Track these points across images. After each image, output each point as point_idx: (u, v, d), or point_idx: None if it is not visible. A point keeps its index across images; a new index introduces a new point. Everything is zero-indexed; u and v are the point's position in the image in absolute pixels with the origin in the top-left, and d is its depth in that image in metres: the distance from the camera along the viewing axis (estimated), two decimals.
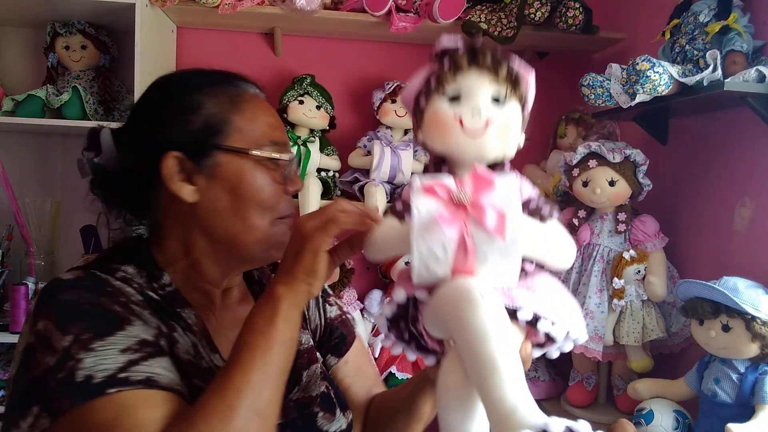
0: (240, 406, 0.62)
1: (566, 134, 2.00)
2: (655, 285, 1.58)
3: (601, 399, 1.77)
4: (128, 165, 0.80)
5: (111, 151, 0.81)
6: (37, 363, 0.64)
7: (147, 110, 0.81)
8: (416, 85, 0.73)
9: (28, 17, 1.92)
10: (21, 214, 1.91)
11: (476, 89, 0.72)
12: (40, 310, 0.68)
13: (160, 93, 0.82)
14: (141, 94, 0.84)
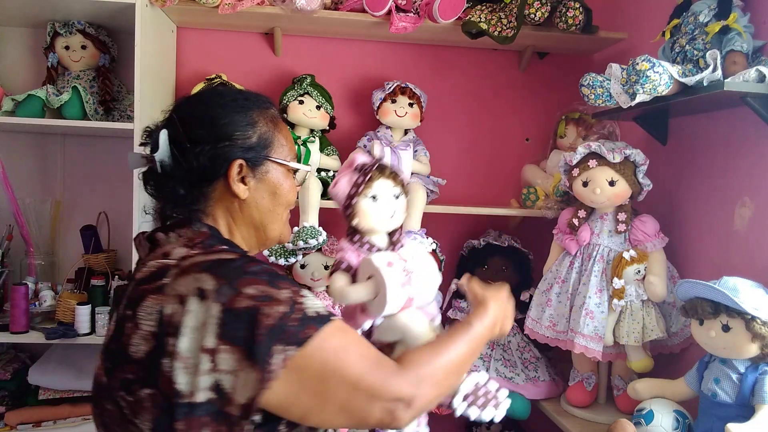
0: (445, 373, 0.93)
1: (566, 134, 2.00)
2: (655, 285, 1.58)
3: (601, 399, 1.77)
4: (192, 165, 0.93)
5: (166, 150, 0.94)
6: (267, 315, 0.79)
7: (213, 123, 0.95)
8: (344, 189, 1.23)
9: (28, 17, 1.92)
10: (21, 214, 1.91)
11: (385, 192, 1.24)
12: (240, 280, 0.82)
13: (224, 109, 0.97)
14: (197, 105, 0.99)
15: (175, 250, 0.89)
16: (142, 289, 0.85)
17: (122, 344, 0.84)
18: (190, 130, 0.94)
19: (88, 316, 1.76)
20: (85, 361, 1.88)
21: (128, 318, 0.85)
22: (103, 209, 2.01)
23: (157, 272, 0.86)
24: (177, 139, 0.94)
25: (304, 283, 1.94)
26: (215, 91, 1.04)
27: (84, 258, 1.92)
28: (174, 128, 0.94)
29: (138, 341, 0.82)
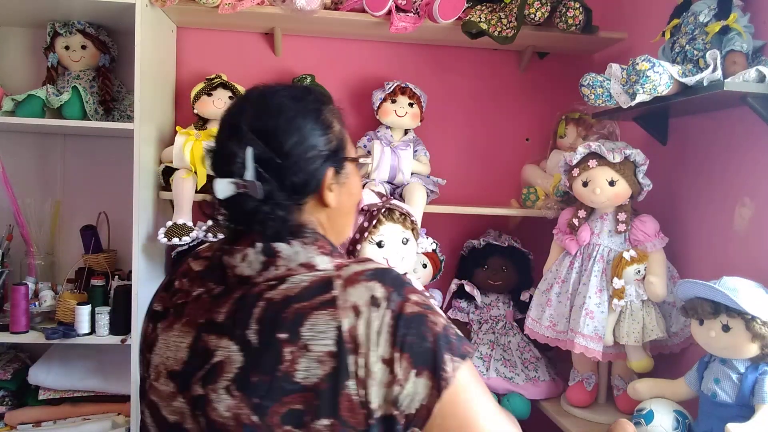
0: None
1: (566, 134, 2.00)
2: (655, 285, 1.58)
3: (601, 399, 1.77)
4: (286, 183, 0.83)
5: (254, 171, 0.82)
6: (434, 323, 0.77)
7: (299, 132, 0.85)
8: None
9: (28, 17, 1.92)
10: (21, 214, 1.91)
11: (393, 237, 1.22)
12: (405, 287, 0.79)
13: (304, 116, 0.87)
14: (273, 115, 0.85)
15: (315, 258, 0.81)
16: (298, 308, 0.75)
17: (282, 372, 0.73)
18: (276, 144, 0.82)
19: (88, 316, 1.76)
20: (85, 361, 1.88)
21: (284, 343, 0.74)
22: (103, 209, 2.01)
23: (316, 286, 0.77)
24: (263, 156, 0.81)
25: None
26: (280, 94, 0.88)
27: (84, 258, 1.92)
28: (256, 144, 0.81)
29: (308, 365, 0.73)
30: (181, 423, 0.80)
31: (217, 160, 0.86)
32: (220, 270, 0.84)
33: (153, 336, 0.89)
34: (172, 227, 1.79)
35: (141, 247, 1.76)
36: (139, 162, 1.71)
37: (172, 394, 0.81)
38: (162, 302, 0.91)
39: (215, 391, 0.76)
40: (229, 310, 0.79)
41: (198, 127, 1.94)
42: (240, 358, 0.76)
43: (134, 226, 1.72)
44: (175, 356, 0.82)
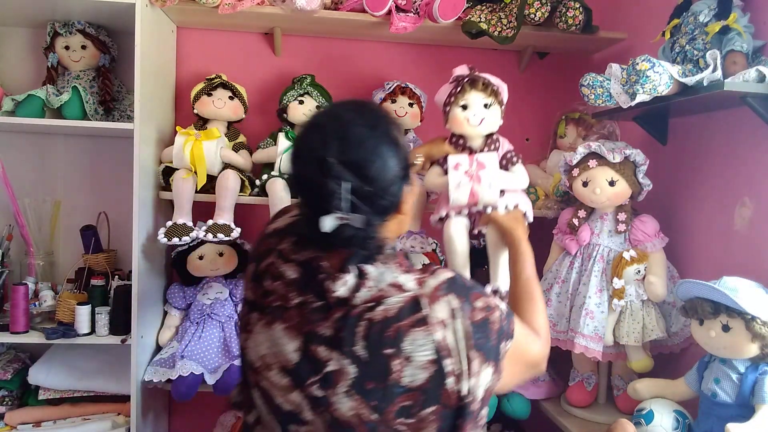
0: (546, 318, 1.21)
1: (566, 134, 2.00)
2: (655, 285, 1.58)
3: (601, 399, 1.77)
4: (380, 209, 0.94)
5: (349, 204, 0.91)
6: (493, 322, 0.95)
7: (383, 161, 0.93)
8: (443, 97, 1.58)
9: (28, 17, 1.92)
10: (21, 214, 1.91)
11: (475, 102, 1.53)
12: (470, 295, 0.95)
13: (385, 142, 0.94)
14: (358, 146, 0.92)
15: (399, 278, 0.94)
16: (398, 326, 0.89)
17: (392, 381, 0.89)
18: (363, 174, 0.91)
19: (88, 316, 1.76)
20: (85, 361, 1.88)
21: (390, 357, 0.89)
22: (103, 209, 2.01)
23: (408, 306, 0.91)
24: (355, 187, 0.89)
25: None
26: (356, 123, 0.94)
27: (84, 258, 1.92)
28: (350, 179, 0.89)
29: (413, 372, 0.89)
30: (297, 413, 0.94)
31: (312, 196, 0.93)
32: (317, 286, 0.94)
33: (247, 321, 1.02)
34: (172, 227, 1.79)
35: (141, 247, 1.76)
36: (139, 162, 1.71)
37: (288, 388, 0.94)
38: (252, 292, 1.03)
39: (335, 394, 0.90)
40: (334, 327, 0.91)
41: (198, 127, 1.94)
42: (354, 369, 0.90)
43: (134, 226, 1.72)
44: (285, 355, 0.94)
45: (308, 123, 0.99)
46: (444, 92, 1.58)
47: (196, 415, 2.16)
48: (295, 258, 0.98)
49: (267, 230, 1.09)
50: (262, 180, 1.88)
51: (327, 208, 0.89)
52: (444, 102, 1.57)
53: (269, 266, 1.01)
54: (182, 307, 1.95)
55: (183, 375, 1.76)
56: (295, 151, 0.98)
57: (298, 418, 0.94)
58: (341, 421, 0.91)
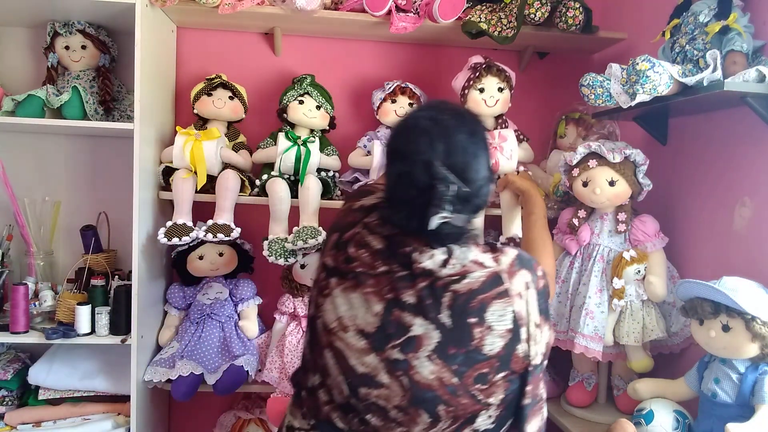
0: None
1: (566, 134, 2.00)
2: (655, 285, 1.58)
3: (601, 399, 1.77)
4: (478, 206, 1.05)
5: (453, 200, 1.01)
6: (548, 287, 1.10)
7: (481, 162, 1.04)
8: (461, 82, 1.86)
9: (28, 17, 1.92)
10: (21, 214, 1.91)
11: (490, 85, 1.83)
12: (533, 265, 1.09)
13: (480, 149, 1.05)
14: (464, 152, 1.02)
15: (479, 256, 1.04)
16: (481, 299, 1.00)
17: (473, 347, 0.99)
18: (464, 177, 1.00)
19: (88, 316, 1.76)
20: (85, 361, 1.88)
21: (474, 325, 0.99)
22: (103, 209, 2.01)
23: (490, 281, 1.01)
24: (459, 190, 0.99)
25: (303, 283, 1.94)
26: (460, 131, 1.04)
27: (84, 258, 1.92)
28: (455, 182, 0.99)
29: (493, 340, 0.99)
30: (372, 376, 1.01)
31: (415, 195, 1.00)
32: (403, 257, 1.03)
33: (325, 285, 1.09)
34: (172, 227, 1.79)
35: (141, 247, 1.76)
36: (139, 162, 1.71)
37: (365, 350, 1.02)
38: (333, 259, 1.11)
39: (417, 358, 0.99)
40: (418, 295, 1.01)
41: (198, 127, 1.94)
42: (437, 334, 0.99)
43: (134, 226, 1.72)
44: (364, 318, 1.02)
45: (409, 125, 1.07)
46: (462, 78, 1.87)
47: (196, 415, 2.16)
48: (380, 231, 1.07)
49: (353, 206, 1.18)
50: (262, 180, 1.88)
51: (429, 206, 0.98)
52: (462, 86, 1.85)
53: (355, 235, 1.09)
54: (182, 307, 1.95)
55: (183, 375, 1.77)
56: (396, 150, 1.06)
57: (373, 381, 1.01)
58: (422, 384, 0.99)
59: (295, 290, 1.95)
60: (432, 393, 0.99)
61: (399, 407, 1.00)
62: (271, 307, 2.03)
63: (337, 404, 1.06)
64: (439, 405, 0.99)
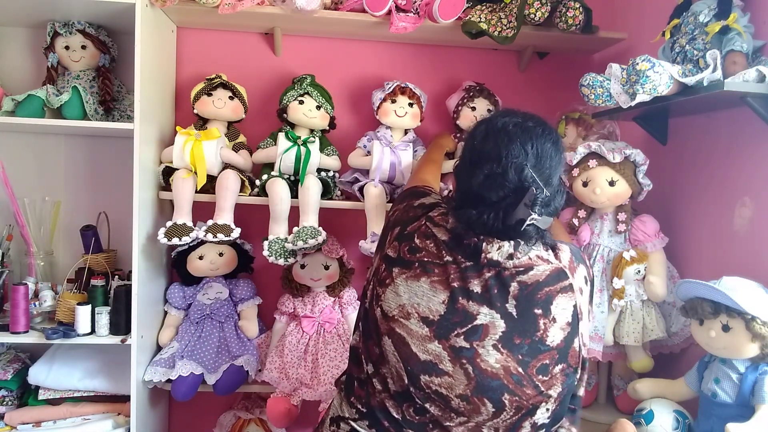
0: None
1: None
2: (655, 285, 1.58)
3: (601, 399, 1.77)
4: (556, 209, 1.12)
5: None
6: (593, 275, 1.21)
7: (557, 171, 1.11)
8: (455, 101, 2.03)
9: (28, 17, 1.92)
10: (21, 214, 1.91)
11: (481, 106, 1.99)
12: (583, 256, 1.17)
13: (561, 157, 1.12)
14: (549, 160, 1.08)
15: (542, 253, 1.08)
16: (547, 291, 1.04)
17: (538, 337, 1.02)
18: (549, 182, 1.07)
19: (88, 316, 1.76)
20: (85, 361, 1.88)
21: (539, 316, 1.03)
22: (103, 209, 2.01)
23: (555, 275, 1.06)
24: (545, 197, 1.05)
25: (303, 283, 1.94)
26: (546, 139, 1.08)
27: (84, 258, 1.92)
28: (542, 187, 1.04)
29: (555, 332, 1.03)
30: (435, 363, 1.03)
31: (504, 195, 1.04)
32: (471, 248, 1.06)
33: (386, 275, 1.12)
34: (172, 227, 1.79)
35: (141, 247, 1.76)
36: (139, 162, 1.71)
37: (428, 337, 1.04)
38: (395, 251, 1.14)
39: (483, 347, 1.02)
40: (484, 285, 1.04)
41: (198, 127, 1.94)
42: (503, 324, 1.02)
43: (134, 226, 1.72)
44: (428, 306, 1.05)
45: (496, 129, 1.10)
46: (456, 98, 2.02)
47: (196, 415, 2.16)
48: (444, 225, 1.12)
49: (413, 203, 1.23)
50: (262, 180, 1.88)
51: (515, 207, 1.02)
52: (456, 104, 2.00)
53: (420, 227, 1.14)
54: (182, 307, 1.95)
55: (183, 375, 1.77)
56: (486, 152, 1.07)
57: (436, 369, 1.03)
58: (488, 372, 1.01)
59: (295, 290, 1.95)
60: (498, 381, 1.01)
61: (462, 396, 1.02)
62: (271, 307, 2.03)
63: (392, 393, 1.08)
64: (504, 394, 1.01)
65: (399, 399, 1.07)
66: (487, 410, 1.02)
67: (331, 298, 1.96)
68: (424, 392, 1.04)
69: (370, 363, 1.12)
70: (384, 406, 1.09)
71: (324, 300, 1.94)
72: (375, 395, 1.10)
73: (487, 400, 1.01)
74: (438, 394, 1.03)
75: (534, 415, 1.04)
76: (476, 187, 1.07)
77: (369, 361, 1.12)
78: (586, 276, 1.12)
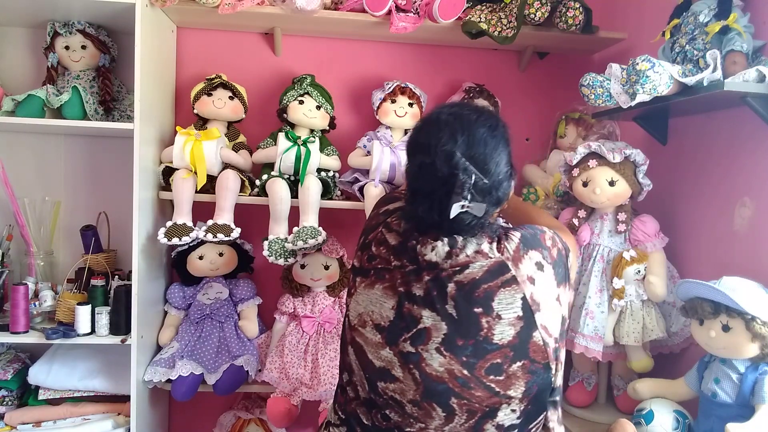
0: None
1: (566, 134, 2.00)
2: (655, 285, 1.58)
3: (601, 399, 1.77)
4: (495, 200, 1.05)
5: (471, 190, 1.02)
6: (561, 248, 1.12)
7: (502, 159, 1.05)
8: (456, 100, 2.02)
9: (28, 17, 1.92)
10: (21, 214, 1.91)
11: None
12: (541, 236, 1.09)
13: (499, 143, 1.05)
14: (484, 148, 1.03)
15: (483, 246, 1.03)
16: (486, 288, 1.00)
17: (483, 337, 0.99)
18: (485, 169, 1.02)
19: (88, 316, 1.76)
20: (85, 361, 1.88)
21: (480, 314, 0.99)
22: (103, 209, 2.01)
23: (495, 269, 1.01)
24: (477, 180, 1.01)
25: (303, 283, 1.94)
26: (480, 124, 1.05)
27: (84, 258, 1.92)
28: (474, 173, 1.00)
29: (502, 329, 0.99)
30: (388, 369, 1.02)
31: (436, 185, 1.01)
32: (412, 252, 1.05)
33: (352, 286, 1.13)
34: (172, 227, 1.79)
35: (141, 247, 1.76)
36: (139, 162, 1.71)
37: (380, 344, 1.04)
38: (359, 260, 1.14)
39: (427, 350, 1.00)
40: (425, 288, 1.02)
41: (198, 127, 1.94)
42: (444, 326, 1.00)
43: (134, 226, 1.72)
44: (380, 312, 1.05)
45: (431, 119, 1.07)
46: (456, 99, 2.02)
47: (196, 415, 2.16)
48: (397, 229, 1.11)
49: (379, 210, 1.22)
50: (262, 180, 1.88)
51: (450, 196, 0.99)
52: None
53: (377, 234, 1.13)
54: (182, 307, 1.95)
55: (183, 375, 1.77)
56: (418, 143, 1.06)
57: (389, 375, 1.02)
58: (433, 377, 0.99)
59: (295, 290, 1.95)
60: (444, 385, 0.99)
61: (413, 401, 1.01)
62: (271, 307, 2.03)
63: (362, 400, 1.08)
64: (451, 397, 0.99)
65: (368, 406, 1.08)
66: (439, 415, 1.01)
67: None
68: (383, 398, 1.04)
69: (345, 371, 1.13)
70: (356, 413, 1.10)
71: (324, 300, 1.94)
72: (350, 402, 1.12)
73: (436, 405, 1.00)
74: (394, 400, 1.03)
75: (494, 417, 1.01)
76: (413, 181, 1.07)
77: (344, 370, 1.14)
78: (540, 261, 1.04)
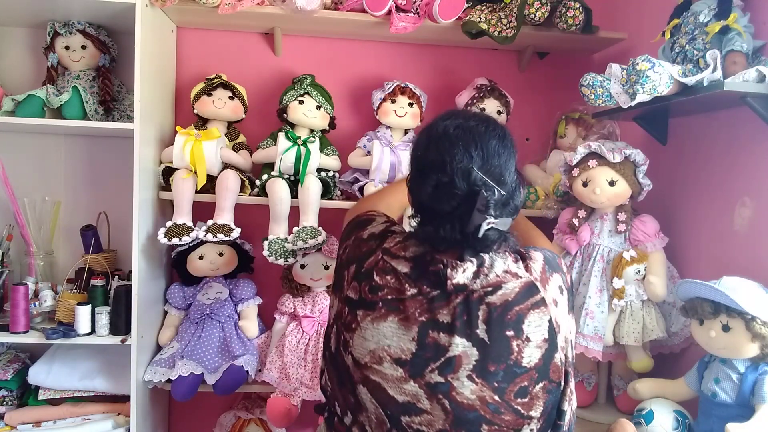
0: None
1: (566, 134, 2.00)
2: (655, 285, 1.58)
3: (601, 399, 1.77)
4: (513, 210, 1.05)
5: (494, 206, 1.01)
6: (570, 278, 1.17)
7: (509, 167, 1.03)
8: (465, 99, 1.99)
9: (28, 17, 1.92)
10: (21, 214, 1.91)
11: (491, 107, 1.96)
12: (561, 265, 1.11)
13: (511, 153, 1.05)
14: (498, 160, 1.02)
15: (511, 265, 1.02)
16: (518, 310, 0.97)
17: (513, 360, 0.96)
18: (501, 181, 1.01)
19: (88, 316, 1.76)
20: (85, 361, 1.88)
21: (512, 338, 0.97)
22: (103, 209, 2.01)
23: (526, 291, 0.99)
24: (500, 197, 1.00)
25: (303, 283, 1.94)
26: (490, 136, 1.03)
27: (84, 258, 1.92)
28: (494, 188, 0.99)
29: (531, 352, 0.97)
30: (414, 403, 0.98)
31: (457, 204, 0.98)
32: (434, 276, 1.00)
33: (351, 320, 1.04)
34: (172, 227, 1.79)
35: (141, 247, 1.76)
36: (139, 162, 1.71)
37: (402, 379, 0.98)
38: (356, 292, 1.06)
39: (458, 379, 0.96)
40: (453, 313, 0.98)
41: (198, 127, 1.94)
42: (476, 352, 0.96)
43: (134, 226, 1.72)
44: (399, 345, 0.99)
45: (438, 135, 1.03)
46: (466, 96, 1.99)
47: (196, 415, 2.16)
48: (404, 255, 1.04)
49: (362, 236, 1.13)
50: (262, 180, 1.88)
51: (472, 214, 0.96)
52: (465, 103, 1.97)
53: (376, 262, 1.06)
54: (182, 307, 1.95)
55: (183, 375, 1.77)
56: (429, 161, 1.02)
57: (415, 408, 0.98)
58: (464, 405, 0.96)
59: (295, 290, 1.95)
60: (475, 413, 0.96)
61: (442, 431, 0.97)
62: (271, 307, 2.03)
63: None
64: (482, 425, 0.96)
65: None
66: None
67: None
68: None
69: (348, 411, 1.06)
70: None
71: (324, 300, 1.94)
72: None
73: None
74: None
75: None
76: (427, 201, 1.02)
77: (346, 410, 1.06)
78: (561, 285, 1.05)
